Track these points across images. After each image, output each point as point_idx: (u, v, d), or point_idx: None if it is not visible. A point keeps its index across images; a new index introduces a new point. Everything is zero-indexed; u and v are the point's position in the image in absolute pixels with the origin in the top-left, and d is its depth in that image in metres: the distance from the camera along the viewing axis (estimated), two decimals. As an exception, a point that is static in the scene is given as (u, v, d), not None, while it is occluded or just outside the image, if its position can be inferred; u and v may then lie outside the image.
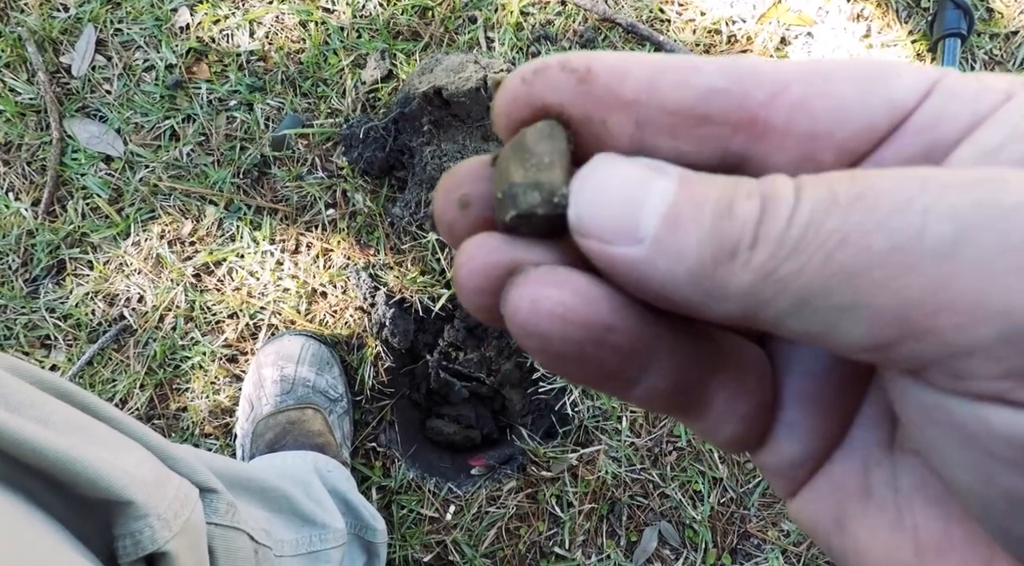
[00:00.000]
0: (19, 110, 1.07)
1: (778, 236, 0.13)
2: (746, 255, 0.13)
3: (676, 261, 0.14)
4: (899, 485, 0.16)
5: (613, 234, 0.14)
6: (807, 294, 0.13)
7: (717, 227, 0.14)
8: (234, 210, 1.04)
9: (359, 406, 1.01)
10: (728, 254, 0.13)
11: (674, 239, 0.14)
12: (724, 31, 1.08)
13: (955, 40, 1.03)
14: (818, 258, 0.13)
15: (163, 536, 0.40)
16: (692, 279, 0.14)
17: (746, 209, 0.14)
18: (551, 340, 0.15)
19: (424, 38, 1.05)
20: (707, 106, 0.15)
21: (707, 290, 0.14)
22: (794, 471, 0.18)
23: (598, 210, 0.15)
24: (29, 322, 1.04)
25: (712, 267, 0.14)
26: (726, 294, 0.14)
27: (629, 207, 0.14)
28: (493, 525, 0.97)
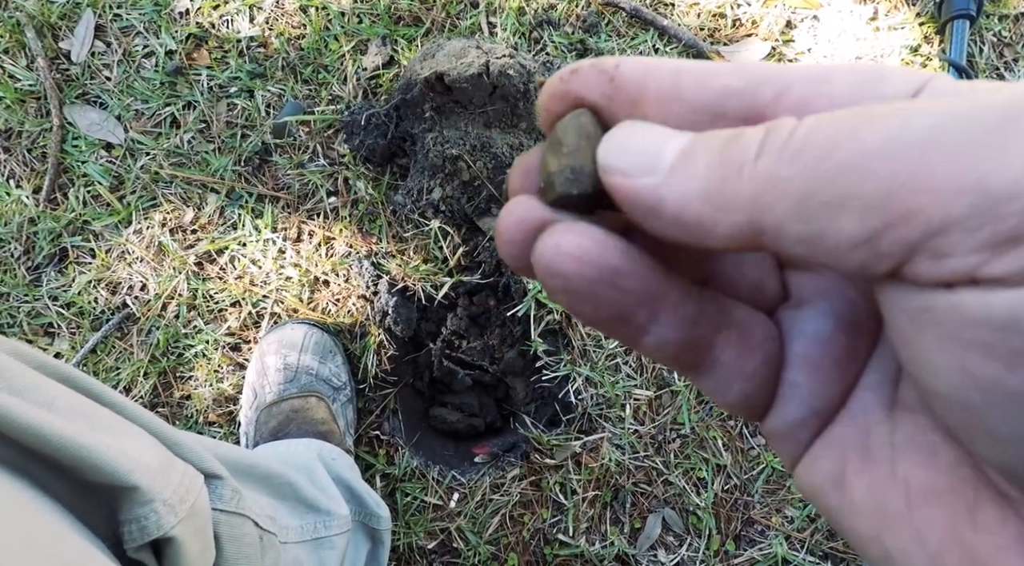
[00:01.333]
0: (19, 97, 1.06)
1: (780, 145, 0.15)
2: (751, 165, 0.15)
3: (689, 180, 0.16)
4: (895, 441, 0.17)
5: (636, 168, 0.16)
6: (807, 192, 0.14)
7: (725, 151, 0.15)
8: (236, 198, 1.04)
9: (362, 394, 1.00)
10: (736, 167, 0.15)
11: (687, 165, 0.16)
12: (728, 14, 1.06)
13: (964, 22, 1.01)
14: (815, 157, 0.14)
15: (169, 521, 0.40)
16: (703, 195, 0.15)
17: (752, 133, 0.15)
18: (570, 279, 0.17)
19: (426, 23, 1.04)
20: (723, 105, 0.17)
21: (716, 203, 0.15)
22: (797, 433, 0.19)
23: (624, 151, 0.17)
24: (32, 310, 1.04)
25: (720, 182, 0.15)
26: (733, 204, 0.15)
27: (651, 148, 0.17)
28: (497, 512, 0.97)
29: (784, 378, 0.19)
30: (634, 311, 0.17)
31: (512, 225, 0.18)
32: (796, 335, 0.19)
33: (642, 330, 0.18)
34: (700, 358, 0.19)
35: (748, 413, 0.20)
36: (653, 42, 1.05)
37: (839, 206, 0.14)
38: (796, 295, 0.20)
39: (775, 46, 1.05)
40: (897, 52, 1.05)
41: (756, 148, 0.15)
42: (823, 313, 0.20)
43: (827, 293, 0.20)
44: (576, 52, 1.04)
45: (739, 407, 0.19)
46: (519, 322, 1.01)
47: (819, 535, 0.96)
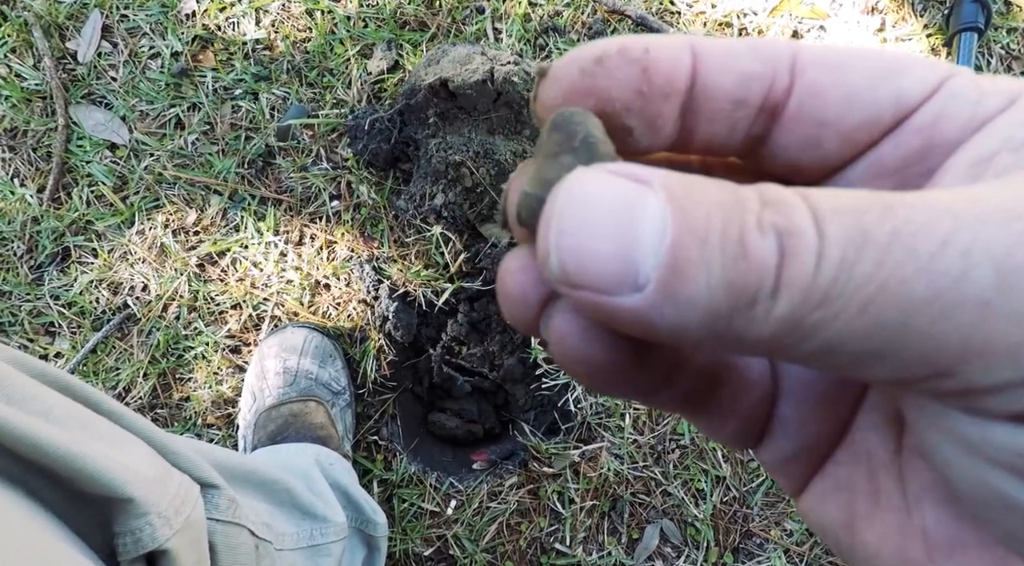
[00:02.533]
0: (25, 96, 1.07)
1: (805, 284, 0.12)
2: (767, 303, 0.12)
3: (686, 310, 0.12)
4: (907, 488, 0.16)
5: (607, 284, 0.13)
6: (837, 343, 0.12)
7: (731, 271, 0.12)
8: (238, 200, 1.04)
9: (361, 399, 1.00)
10: (747, 303, 0.12)
11: (681, 285, 0.12)
12: (735, 24, 1.06)
13: (972, 34, 1.01)
14: (853, 308, 0.12)
15: (163, 534, 0.40)
16: (705, 327, 0.13)
17: (762, 249, 0.12)
18: (598, 367, 0.15)
19: (431, 28, 1.04)
20: (745, 91, 0.15)
21: (723, 338, 0.13)
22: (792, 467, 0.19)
23: (585, 257, 0.13)
24: (34, 309, 1.04)
25: (728, 316, 0.12)
26: (744, 341, 0.13)
27: (623, 248, 0.12)
28: (494, 520, 0.97)
29: (775, 413, 0.19)
30: (651, 384, 0.16)
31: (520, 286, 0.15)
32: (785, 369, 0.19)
33: (657, 392, 0.17)
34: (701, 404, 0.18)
35: (741, 446, 0.19)
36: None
37: (872, 358, 0.12)
38: None
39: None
40: (904, 64, 1.05)
41: (772, 277, 0.12)
42: None
43: None
44: (581, 59, 1.04)
45: (732, 441, 0.19)
46: (520, 329, 1.00)
47: (818, 549, 0.96)
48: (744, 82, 0.15)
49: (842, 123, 0.15)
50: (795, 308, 0.12)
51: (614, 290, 0.13)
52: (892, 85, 0.15)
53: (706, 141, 0.16)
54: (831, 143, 0.16)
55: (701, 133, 0.16)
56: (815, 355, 0.13)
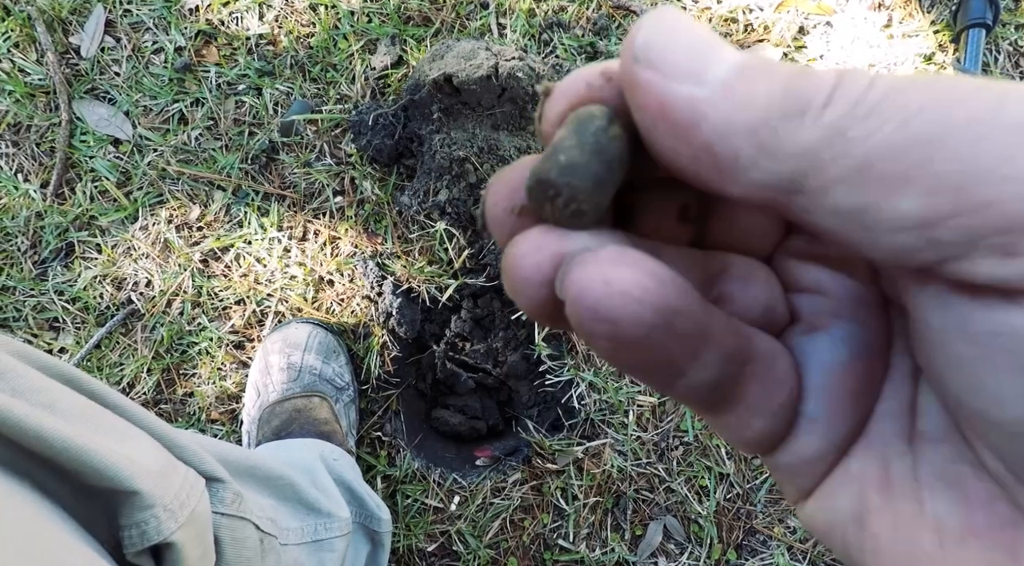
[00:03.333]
0: (28, 91, 1.06)
1: (856, 98, 0.13)
2: (817, 112, 0.13)
3: (740, 107, 0.13)
4: (919, 474, 0.16)
5: (679, 69, 0.14)
6: (874, 157, 0.12)
7: (791, 82, 0.13)
8: (242, 196, 1.04)
9: (365, 395, 1.00)
10: (798, 109, 0.13)
11: (744, 86, 0.13)
12: (741, 20, 1.05)
13: (979, 31, 1.00)
14: (894, 122, 0.12)
15: (169, 527, 0.40)
16: (751, 129, 0.13)
17: (822, 76, 0.13)
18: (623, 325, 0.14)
19: (435, 24, 1.03)
20: None
21: (762, 143, 0.13)
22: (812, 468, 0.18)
23: (669, 43, 0.14)
24: (38, 304, 1.04)
25: (777, 119, 0.13)
26: (782, 151, 0.13)
27: (702, 49, 0.14)
28: (497, 516, 0.97)
29: (801, 411, 0.18)
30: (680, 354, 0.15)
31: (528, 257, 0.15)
32: (812, 364, 0.18)
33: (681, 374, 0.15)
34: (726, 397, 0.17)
35: (761, 449, 0.18)
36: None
37: (903, 180, 0.12)
38: (806, 319, 0.19)
39: (787, 52, 1.05)
40: (911, 60, 1.04)
41: (826, 93, 0.13)
42: (838, 339, 0.18)
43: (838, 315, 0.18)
44: (586, 55, 1.03)
45: (754, 444, 0.18)
46: (523, 325, 1.00)
47: (821, 546, 0.96)
48: None
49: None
50: (842, 116, 0.13)
51: (682, 77, 0.13)
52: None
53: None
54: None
55: None
56: (845, 178, 0.13)
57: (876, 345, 0.18)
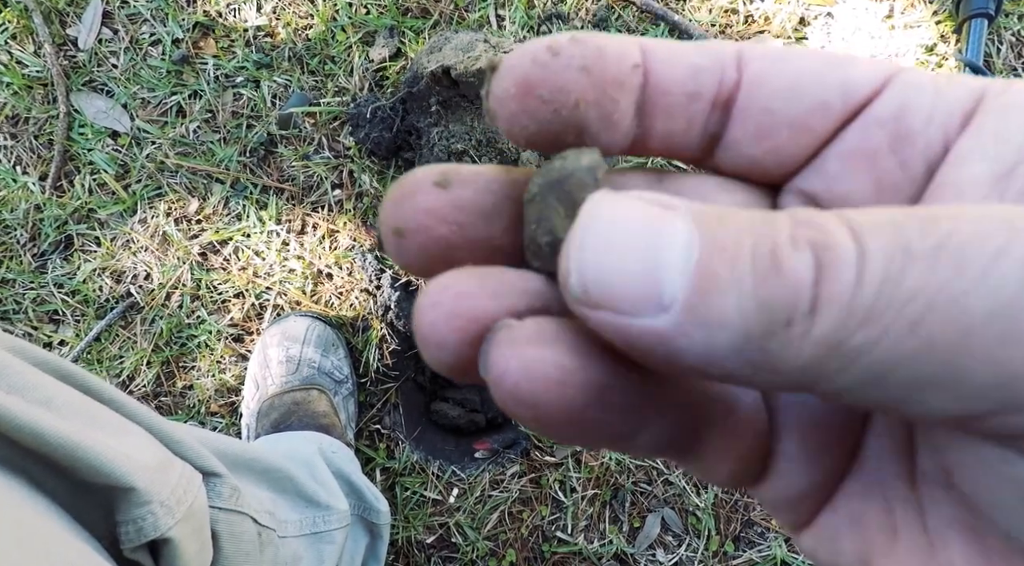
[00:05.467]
0: (26, 83, 1.06)
1: (846, 301, 0.11)
2: (805, 323, 0.11)
3: (715, 332, 0.11)
4: (928, 522, 0.15)
5: (630, 303, 0.12)
6: (884, 368, 0.11)
7: (762, 289, 0.11)
8: (240, 189, 1.04)
9: (364, 388, 1.01)
10: (782, 322, 0.11)
11: (709, 305, 0.11)
12: (741, 10, 1.05)
13: (982, 21, 0.99)
14: (900, 327, 0.11)
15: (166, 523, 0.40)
16: (736, 352, 0.11)
17: (797, 264, 0.11)
18: (547, 408, 0.13)
19: (433, 15, 1.03)
20: (696, 83, 0.15)
21: (755, 364, 0.12)
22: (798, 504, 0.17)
23: (608, 276, 0.12)
24: (37, 297, 1.04)
25: (762, 338, 0.11)
26: (780, 369, 0.12)
27: (648, 266, 0.12)
28: (496, 509, 0.97)
29: (777, 449, 0.17)
30: (621, 426, 0.14)
31: (443, 322, 0.13)
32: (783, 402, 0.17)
33: (630, 438, 0.15)
34: (689, 447, 0.16)
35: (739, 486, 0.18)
36: (663, 37, 1.03)
37: (929, 385, 0.11)
38: None
39: (787, 43, 1.04)
40: (912, 51, 1.04)
41: (809, 294, 0.11)
42: None
43: None
44: (585, 47, 1.03)
45: (730, 483, 0.17)
46: (522, 319, 1.00)
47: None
48: (694, 75, 0.15)
49: (790, 111, 0.15)
50: (836, 327, 0.11)
51: (638, 310, 0.12)
52: (837, 74, 0.15)
53: (664, 139, 0.16)
54: (782, 133, 0.16)
55: (659, 130, 0.16)
56: (860, 385, 0.11)
57: None
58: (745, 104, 0.16)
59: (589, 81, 0.15)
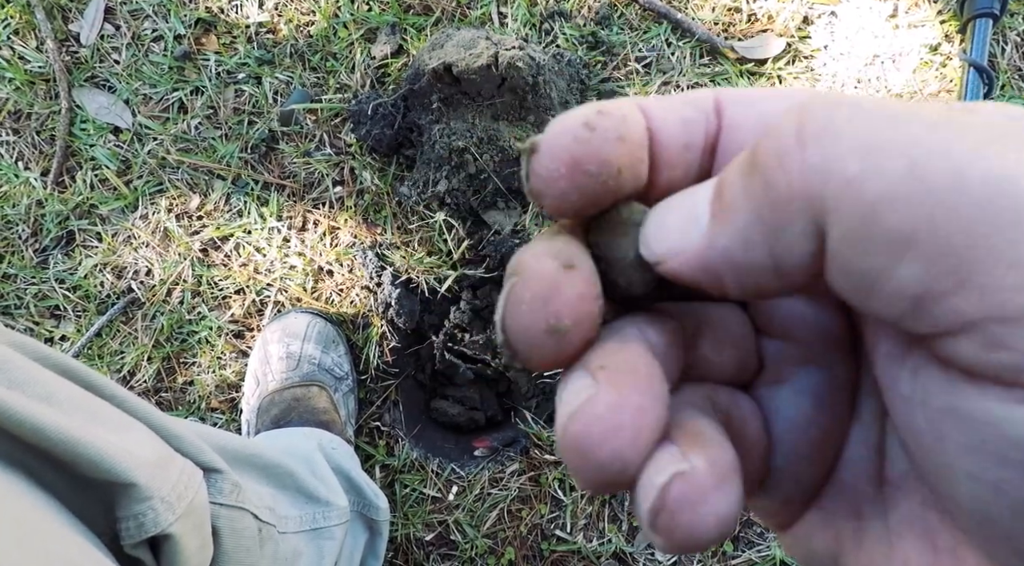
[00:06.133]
0: (28, 78, 1.06)
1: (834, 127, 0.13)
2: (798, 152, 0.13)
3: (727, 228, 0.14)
4: (889, 521, 0.17)
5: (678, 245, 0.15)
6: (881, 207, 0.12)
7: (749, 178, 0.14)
8: (241, 185, 1.04)
9: (364, 385, 1.01)
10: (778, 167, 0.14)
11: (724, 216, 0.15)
12: (744, 9, 1.04)
13: (987, 20, 0.99)
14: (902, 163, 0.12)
15: (166, 519, 0.40)
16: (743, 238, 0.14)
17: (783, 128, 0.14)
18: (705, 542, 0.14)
19: (435, 12, 1.02)
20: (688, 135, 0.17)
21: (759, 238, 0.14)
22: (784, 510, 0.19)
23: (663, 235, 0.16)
24: (39, 292, 1.04)
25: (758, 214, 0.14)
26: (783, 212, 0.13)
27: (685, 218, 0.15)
28: (495, 506, 0.97)
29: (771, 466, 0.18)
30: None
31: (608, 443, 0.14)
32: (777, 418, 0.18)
33: None
34: None
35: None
36: (666, 36, 1.03)
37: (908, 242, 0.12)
38: (772, 368, 0.19)
39: (791, 42, 1.04)
40: (916, 51, 1.03)
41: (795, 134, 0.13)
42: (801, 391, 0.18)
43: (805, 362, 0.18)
44: (587, 45, 1.03)
45: None
46: (523, 317, 1.00)
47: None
48: (686, 127, 0.17)
49: None
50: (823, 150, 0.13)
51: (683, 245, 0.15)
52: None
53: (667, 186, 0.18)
54: None
55: (663, 180, 0.17)
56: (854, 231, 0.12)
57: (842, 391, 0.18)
58: (725, 146, 0.17)
59: (626, 149, 0.16)
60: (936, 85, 1.03)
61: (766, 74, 1.02)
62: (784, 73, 1.02)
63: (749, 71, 1.02)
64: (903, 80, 1.03)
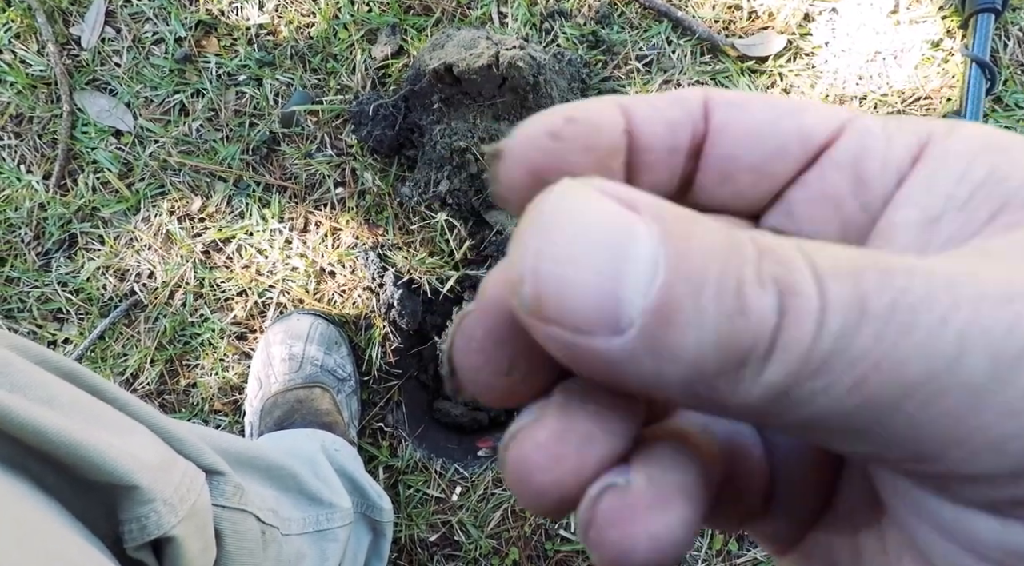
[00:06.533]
0: (30, 82, 1.06)
1: (803, 352, 0.11)
2: (757, 367, 0.11)
3: (668, 363, 0.11)
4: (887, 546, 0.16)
5: (585, 322, 0.11)
6: (822, 418, 0.12)
7: (725, 327, 0.11)
8: (243, 187, 1.04)
9: (367, 386, 1.01)
10: (736, 363, 0.11)
11: (667, 336, 0.11)
12: (744, 6, 1.04)
13: (988, 16, 0.99)
14: (846, 383, 0.11)
15: (169, 521, 0.40)
16: (685, 385, 0.11)
17: (762, 306, 0.11)
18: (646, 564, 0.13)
19: (436, 13, 1.02)
20: (674, 138, 0.16)
21: (701, 396, 0.12)
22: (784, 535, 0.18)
23: (566, 286, 0.11)
24: (42, 295, 1.04)
25: (713, 376, 0.11)
26: (725, 404, 0.12)
27: (608, 282, 0.11)
28: (499, 507, 0.97)
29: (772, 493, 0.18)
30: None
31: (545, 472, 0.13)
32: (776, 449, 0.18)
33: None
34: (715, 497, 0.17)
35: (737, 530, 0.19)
36: (667, 34, 1.03)
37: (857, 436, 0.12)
38: None
39: (792, 39, 1.03)
40: (918, 47, 1.03)
41: (767, 342, 0.11)
42: None
43: None
44: (588, 44, 1.02)
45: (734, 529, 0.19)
46: (525, 317, 1.00)
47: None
48: (672, 130, 0.16)
49: (750, 157, 0.16)
50: (787, 376, 0.11)
51: (592, 330, 0.11)
52: (793, 120, 0.16)
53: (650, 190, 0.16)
54: (744, 177, 0.17)
55: (645, 184, 0.16)
56: (794, 427, 0.12)
57: None
58: (710, 151, 0.17)
59: (593, 159, 0.15)
60: (938, 81, 1.03)
61: (767, 71, 1.02)
62: (785, 70, 1.02)
63: (750, 69, 1.02)
64: (905, 76, 1.02)
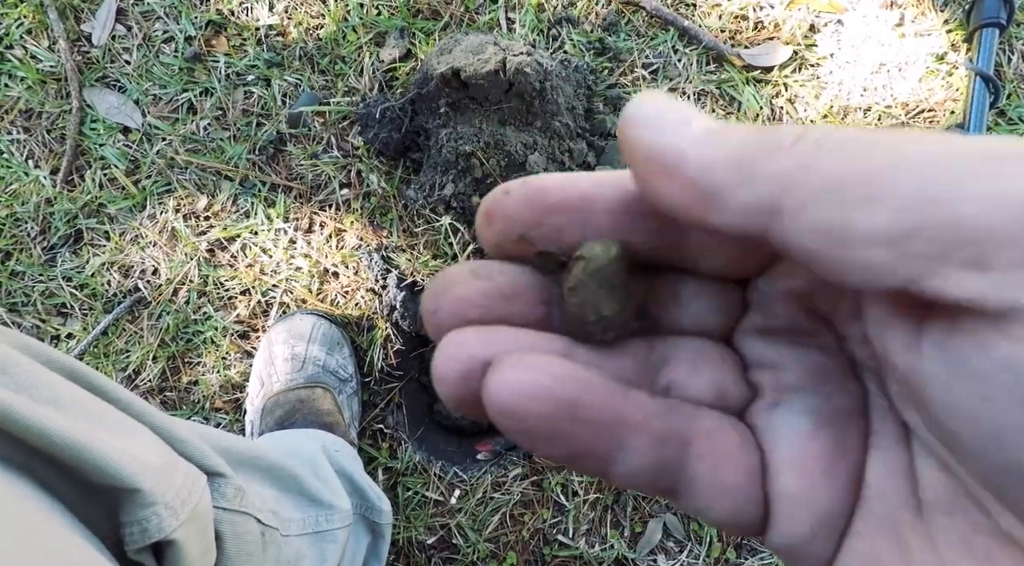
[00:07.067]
0: (40, 78, 1.07)
1: (819, 137, 0.14)
2: (788, 148, 0.15)
3: (719, 146, 0.15)
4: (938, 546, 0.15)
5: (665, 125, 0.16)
6: (841, 179, 0.14)
7: (760, 132, 0.15)
8: (249, 186, 1.04)
9: (368, 387, 1.01)
10: (771, 146, 0.15)
11: (720, 134, 0.15)
12: (751, 17, 1.04)
13: (993, 30, 0.99)
14: (857, 153, 0.14)
15: (170, 524, 0.40)
16: (730, 161, 0.15)
17: (786, 128, 0.15)
18: (525, 418, 0.16)
19: (444, 17, 1.03)
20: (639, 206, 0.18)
21: (743, 171, 0.15)
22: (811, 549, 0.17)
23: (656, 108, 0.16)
24: (46, 290, 1.05)
25: (754, 152, 0.15)
26: (759, 175, 0.15)
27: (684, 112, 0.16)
28: (497, 510, 0.97)
29: (774, 490, 0.17)
30: (599, 442, 0.16)
31: (451, 366, 0.17)
32: (775, 439, 0.18)
33: (610, 460, 0.16)
34: (675, 479, 0.17)
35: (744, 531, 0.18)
36: (673, 43, 1.03)
37: (871, 198, 0.13)
38: (768, 394, 0.19)
39: (797, 50, 1.03)
40: (923, 60, 1.03)
41: (793, 137, 0.15)
42: (798, 411, 0.18)
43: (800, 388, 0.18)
44: (595, 51, 1.03)
45: (730, 525, 0.17)
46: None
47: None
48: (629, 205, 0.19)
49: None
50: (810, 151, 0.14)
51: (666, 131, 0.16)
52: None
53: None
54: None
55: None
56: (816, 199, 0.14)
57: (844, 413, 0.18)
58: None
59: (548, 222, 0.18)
60: (942, 94, 1.03)
61: (772, 81, 1.02)
62: (790, 81, 1.02)
63: (755, 78, 1.02)
64: (909, 89, 1.02)
